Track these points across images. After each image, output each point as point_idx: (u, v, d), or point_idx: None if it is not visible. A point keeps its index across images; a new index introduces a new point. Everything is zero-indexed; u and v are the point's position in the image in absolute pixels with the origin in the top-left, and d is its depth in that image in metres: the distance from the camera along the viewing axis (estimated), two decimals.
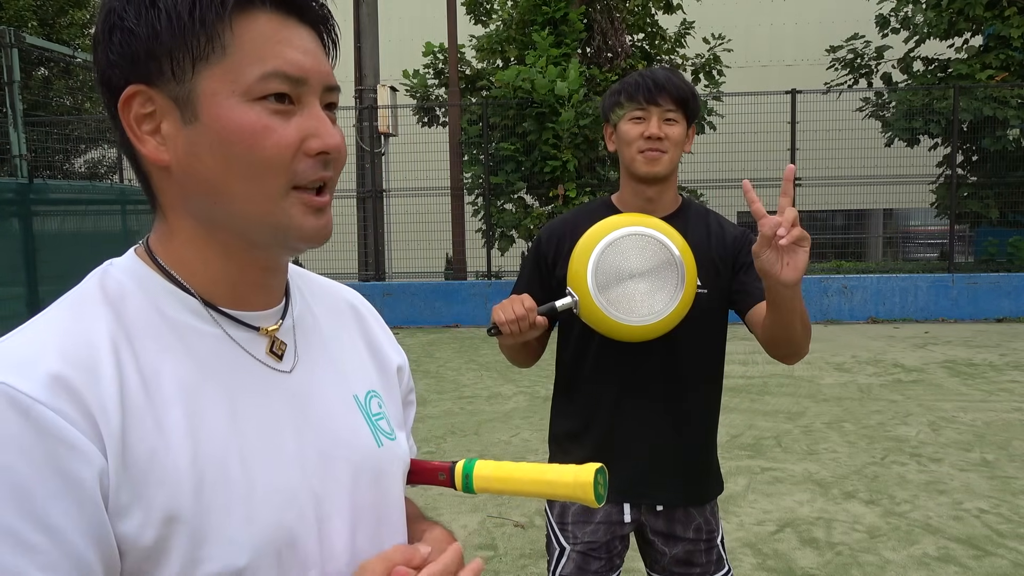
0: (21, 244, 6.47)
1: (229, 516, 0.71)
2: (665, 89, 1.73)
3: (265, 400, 0.77)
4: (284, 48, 0.72)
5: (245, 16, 0.71)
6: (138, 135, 0.73)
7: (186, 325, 0.75)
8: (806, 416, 5.86)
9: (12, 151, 6.47)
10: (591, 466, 0.86)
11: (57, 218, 7.20)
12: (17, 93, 6.41)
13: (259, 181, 0.72)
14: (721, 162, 11.54)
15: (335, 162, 0.76)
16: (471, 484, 0.88)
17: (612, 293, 1.66)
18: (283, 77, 0.72)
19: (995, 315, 10.79)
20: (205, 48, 0.70)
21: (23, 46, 6.50)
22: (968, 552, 3.45)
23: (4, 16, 12.54)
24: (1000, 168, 11.93)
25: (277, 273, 0.82)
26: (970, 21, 12.47)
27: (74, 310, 0.72)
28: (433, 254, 12.49)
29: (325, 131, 0.74)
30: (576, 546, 1.81)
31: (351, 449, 0.83)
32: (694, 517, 1.83)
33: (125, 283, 0.75)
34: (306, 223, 0.75)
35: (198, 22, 0.70)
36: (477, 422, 5.86)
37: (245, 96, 0.71)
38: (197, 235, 0.76)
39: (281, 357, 0.81)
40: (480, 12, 13.58)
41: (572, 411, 1.86)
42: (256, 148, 0.71)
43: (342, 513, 0.80)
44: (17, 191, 6.45)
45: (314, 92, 0.74)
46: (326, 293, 0.94)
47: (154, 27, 0.70)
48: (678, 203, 1.87)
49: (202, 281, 0.77)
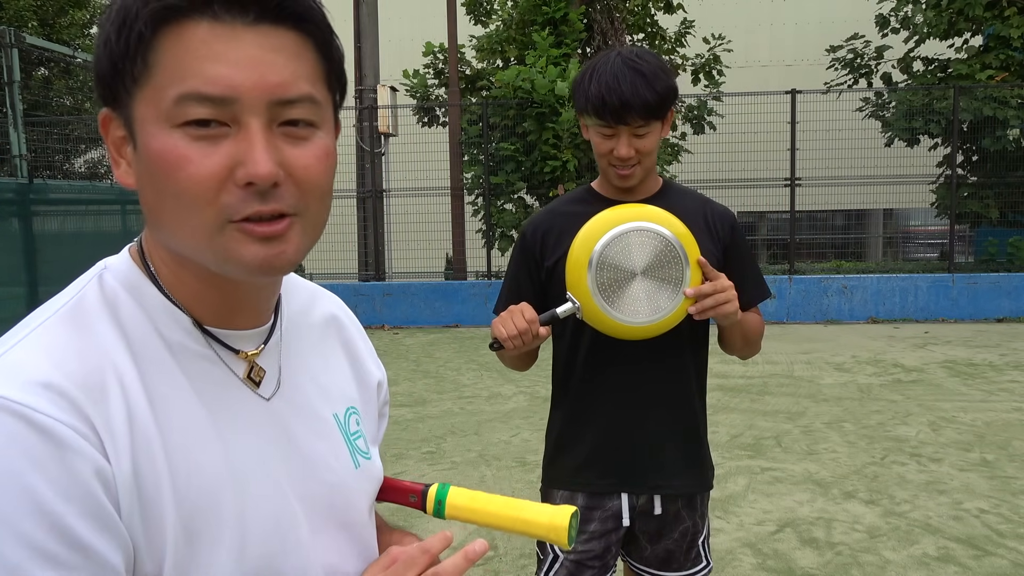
0: (21, 244, 6.48)
1: (217, 548, 0.69)
2: (632, 107, 1.61)
3: (249, 425, 0.75)
4: (207, 64, 0.63)
5: (175, 29, 0.64)
6: (115, 158, 0.71)
7: (182, 346, 0.72)
8: (806, 416, 5.86)
9: (12, 151, 6.47)
10: (567, 509, 0.85)
11: (57, 218, 7.21)
12: (17, 93, 6.42)
13: (187, 214, 0.66)
14: (721, 162, 11.54)
15: (287, 190, 0.67)
16: (443, 511, 0.87)
17: (615, 295, 1.61)
18: (199, 98, 0.63)
19: (995, 315, 10.79)
20: (134, 69, 0.65)
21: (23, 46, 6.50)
22: (968, 552, 3.45)
23: (4, 16, 12.54)
24: (1000, 168, 11.93)
25: (262, 295, 0.78)
26: (970, 21, 12.47)
27: (76, 320, 0.69)
28: (433, 254, 12.49)
29: (250, 158, 0.64)
30: (570, 555, 1.80)
31: (331, 472, 0.82)
32: (684, 520, 1.83)
33: (119, 291, 0.72)
34: (247, 254, 0.67)
35: (123, 42, 0.64)
36: (477, 422, 5.86)
37: (168, 121, 0.64)
38: (172, 257, 0.73)
39: (259, 384, 0.77)
40: (480, 12, 13.58)
41: (569, 406, 1.84)
42: (173, 180, 0.65)
43: (318, 534, 0.79)
44: (17, 191, 6.45)
45: (252, 111, 0.65)
46: (311, 301, 0.91)
47: (99, 52, 0.67)
48: (659, 184, 1.83)
49: (187, 296, 0.74)
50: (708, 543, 1.92)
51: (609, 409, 1.78)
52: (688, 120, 12.46)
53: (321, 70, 0.70)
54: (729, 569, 3.31)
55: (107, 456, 0.64)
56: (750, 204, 11.63)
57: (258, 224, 0.66)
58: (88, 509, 0.62)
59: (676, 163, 12.12)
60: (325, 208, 0.72)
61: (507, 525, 0.85)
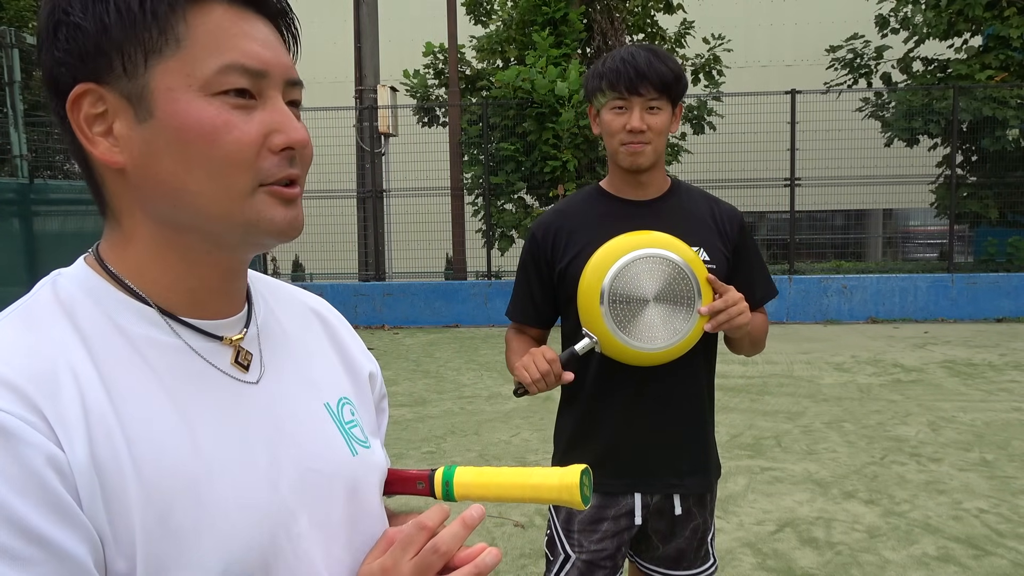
0: (22, 244, 6.48)
1: (199, 539, 0.67)
2: (647, 78, 1.66)
3: (233, 413, 0.74)
4: (242, 40, 0.68)
5: (199, 7, 0.68)
6: (89, 136, 0.69)
7: (144, 337, 0.71)
8: (806, 416, 5.86)
9: (13, 151, 6.47)
10: (576, 467, 0.84)
11: (57, 218, 7.21)
12: (18, 93, 6.42)
13: (222, 180, 0.68)
14: (721, 162, 11.55)
15: (302, 158, 0.73)
16: (452, 492, 0.85)
17: (631, 325, 1.61)
18: (242, 70, 0.68)
19: (995, 315, 10.80)
20: (158, 41, 0.66)
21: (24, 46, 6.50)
22: (968, 552, 3.46)
23: (4, 17, 12.54)
24: (1000, 168, 11.94)
25: (238, 277, 0.79)
26: (970, 21, 12.47)
27: (27, 320, 0.68)
28: (433, 254, 12.50)
29: (289, 125, 0.70)
30: (582, 555, 1.78)
31: (325, 460, 0.80)
32: (695, 517, 1.83)
33: (75, 294, 0.71)
34: (276, 216, 0.71)
35: (149, 13, 0.66)
36: (477, 422, 5.86)
37: (203, 90, 0.67)
38: (155, 240, 0.72)
39: (247, 367, 0.77)
40: (480, 12, 13.58)
41: (581, 406, 1.82)
42: (216, 145, 0.67)
43: (319, 527, 0.77)
44: (18, 191, 6.46)
45: (276, 86, 0.71)
46: (291, 299, 0.91)
47: (102, 20, 0.66)
48: (668, 184, 1.83)
49: (160, 289, 0.73)
50: (714, 541, 1.93)
51: (621, 409, 1.77)
52: (688, 120, 12.46)
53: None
54: (729, 569, 3.31)
55: (60, 446, 0.62)
56: (750, 204, 11.63)
57: (285, 187, 0.71)
58: (44, 500, 0.60)
59: (676, 163, 12.12)
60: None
61: (518, 494, 0.84)
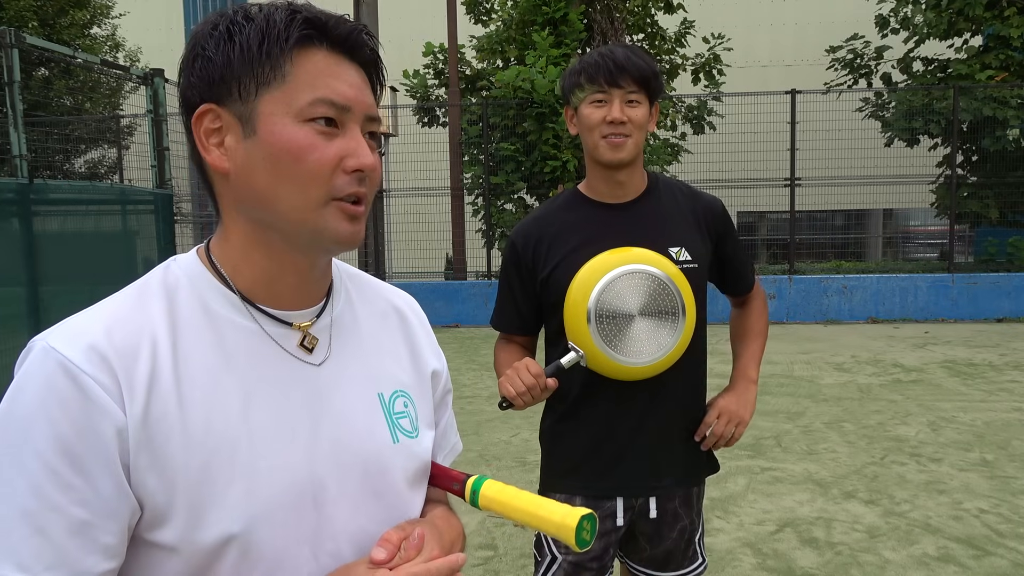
0: (21, 244, 6.48)
1: (230, 488, 0.81)
2: (626, 70, 1.67)
3: (288, 389, 0.88)
4: (333, 80, 0.84)
5: (304, 51, 0.84)
6: (206, 146, 0.85)
7: (226, 319, 0.87)
8: (806, 416, 5.86)
9: (12, 151, 6.47)
10: (579, 511, 0.90)
11: (58, 218, 7.20)
12: (17, 93, 6.42)
13: (302, 190, 0.83)
14: (721, 162, 11.55)
15: (370, 180, 0.86)
16: (476, 501, 0.96)
17: (618, 341, 1.63)
18: (329, 104, 0.83)
19: (995, 315, 10.80)
20: (268, 76, 0.83)
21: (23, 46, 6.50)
22: (968, 552, 3.45)
23: (4, 16, 12.54)
24: (1000, 168, 11.94)
25: (313, 276, 0.92)
26: (970, 21, 12.47)
27: (136, 298, 0.85)
28: (433, 254, 12.50)
29: (362, 152, 0.85)
30: (568, 556, 1.79)
31: (363, 441, 0.92)
32: (681, 518, 1.83)
33: (180, 278, 0.88)
34: (341, 228, 0.85)
35: (265, 54, 0.82)
36: (477, 422, 5.86)
37: (297, 117, 0.82)
38: (246, 236, 0.87)
39: (311, 351, 0.91)
40: (480, 12, 13.58)
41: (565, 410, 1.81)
42: (301, 161, 0.82)
43: (346, 497, 0.89)
44: (17, 191, 6.45)
45: (356, 120, 0.85)
46: (376, 296, 1.04)
47: (228, 57, 0.83)
48: (646, 182, 1.81)
49: (245, 280, 0.88)
50: (703, 540, 1.92)
51: (605, 413, 1.76)
52: (688, 120, 12.46)
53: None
54: (729, 569, 3.31)
55: (124, 407, 0.77)
56: (750, 204, 11.64)
57: (352, 205, 0.85)
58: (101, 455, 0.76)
59: (676, 163, 12.13)
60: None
61: (526, 520, 0.92)
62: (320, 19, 0.84)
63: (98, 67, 9.81)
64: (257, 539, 0.82)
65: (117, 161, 14.09)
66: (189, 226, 13.68)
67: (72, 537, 0.75)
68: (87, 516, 0.75)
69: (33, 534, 0.73)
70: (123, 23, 15.72)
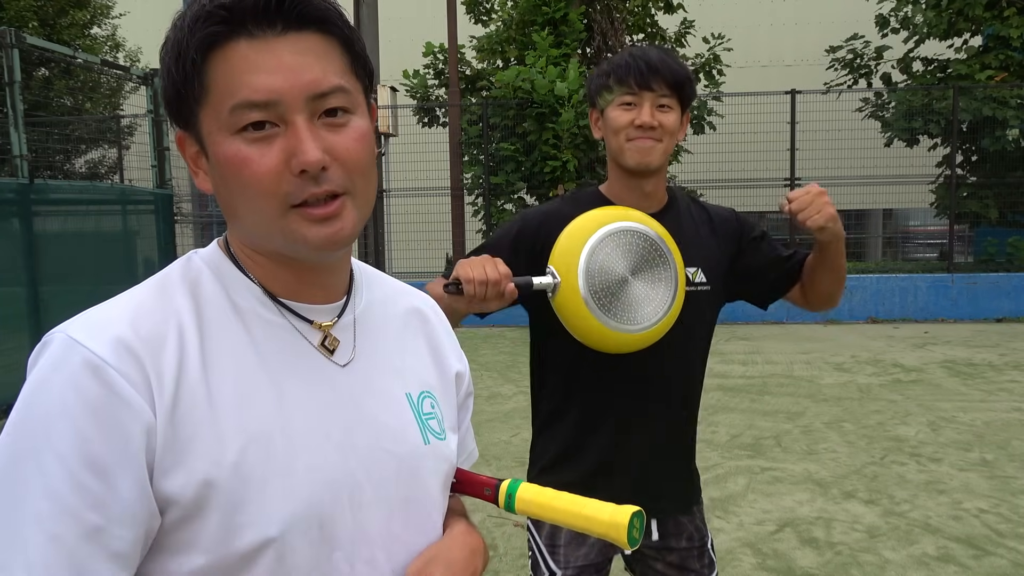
0: (22, 244, 6.48)
1: (266, 488, 0.75)
2: (659, 72, 1.57)
3: (318, 387, 0.83)
4: (250, 76, 0.74)
5: (220, 53, 0.75)
6: (193, 169, 0.83)
7: (252, 312, 0.82)
8: (806, 416, 5.86)
9: (13, 151, 6.47)
10: (628, 508, 0.86)
11: (58, 218, 7.20)
12: (18, 93, 6.41)
13: (254, 205, 0.77)
14: (721, 162, 11.55)
15: (339, 168, 0.77)
16: (513, 505, 0.92)
17: (615, 308, 1.51)
18: (250, 105, 0.74)
19: (995, 315, 10.80)
20: (197, 92, 0.76)
21: (24, 46, 6.50)
22: (968, 552, 3.46)
23: (5, 16, 12.54)
24: (1000, 168, 11.94)
25: (325, 275, 0.87)
26: (970, 21, 12.47)
27: (159, 290, 0.81)
28: (433, 254, 12.49)
29: (300, 149, 0.75)
30: (568, 570, 1.72)
31: (396, 443, 0.87)
32: (685, 527, 1.79)
33: (203, 270, 0.84)
34: (308, 234, 0.78)
35: (183, 71, 0.75)
36: (477, 422, 5.85)
37: (228, 130, 0.75)
38: (245, 243, 0.84)
39: (332, 352, 0.86)
40: (480, 12, 13.59)
41: (563, 432, 1.73)
42: (239, 178, 0.76)
43: (381, 502, 0.84)
44: (18, 191, 6.45)
45: (296, 108, 0.75)
46: (397, 295, 0.99)
47: (165, 82, 0.78)
48: (666, 198, 1.73)
49: (263, 275, 0.84)
50: (713, 545, 1.90)
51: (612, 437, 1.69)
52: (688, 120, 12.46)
53: (347, 62, 0.80)
54: (729, 569, 3.31)
55: (153, 403, 0.73)
56: (750, 204, 11.63)
57: (315, 208, 0.77)
58: (125, 457, 0.71)
59: (676, 163, 12.12)
60: (371, 183, 0.82)
61: (570, 521, 0.88)
62: (225, 5, 0.73)
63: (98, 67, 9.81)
64: (294, 545, 0.76)
65: (117, 161, 14.10)
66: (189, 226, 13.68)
67: (86, 543, 0.70)
68: (103, 522, 0.70)
69: (47, 540, 0.69)
70: (123, 23, 15.71)
